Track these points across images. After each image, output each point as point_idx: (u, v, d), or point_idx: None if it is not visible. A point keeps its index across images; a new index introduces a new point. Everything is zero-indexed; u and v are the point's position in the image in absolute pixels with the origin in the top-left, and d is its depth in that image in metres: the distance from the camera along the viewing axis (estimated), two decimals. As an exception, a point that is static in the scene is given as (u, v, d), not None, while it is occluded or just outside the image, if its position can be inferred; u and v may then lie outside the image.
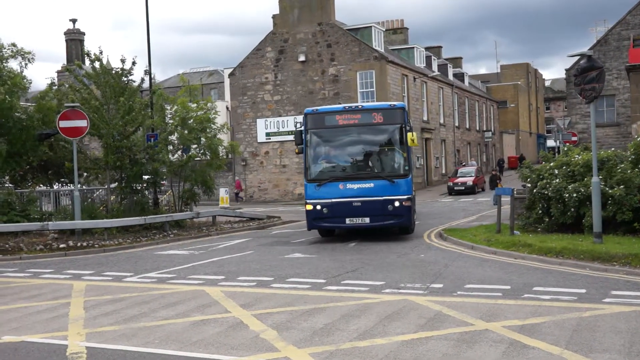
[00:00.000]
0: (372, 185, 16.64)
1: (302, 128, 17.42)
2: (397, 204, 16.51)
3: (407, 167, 16.86)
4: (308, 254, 15.19)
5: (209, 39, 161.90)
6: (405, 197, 16.61)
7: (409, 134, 16.80)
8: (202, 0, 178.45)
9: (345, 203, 16.60)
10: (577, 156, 16.38)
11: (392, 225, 17.04)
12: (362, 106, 18.27)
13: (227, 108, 43.84)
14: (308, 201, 17.06)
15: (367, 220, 16.68)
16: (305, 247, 16.79)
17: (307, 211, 17.16)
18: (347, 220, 16.73)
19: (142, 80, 22.41)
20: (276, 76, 40.26)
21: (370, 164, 17.38)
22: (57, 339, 8.05)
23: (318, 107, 19.03)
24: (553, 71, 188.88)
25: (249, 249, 16.79)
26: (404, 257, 14.27)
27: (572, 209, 15.21)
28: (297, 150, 17.88)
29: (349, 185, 16.71)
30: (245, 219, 25.23)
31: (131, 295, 10.77)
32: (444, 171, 47.53)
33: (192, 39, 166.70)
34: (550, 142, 62.63)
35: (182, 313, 9.23)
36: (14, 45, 20.09)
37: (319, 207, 16.84)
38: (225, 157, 27.89)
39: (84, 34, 59.38)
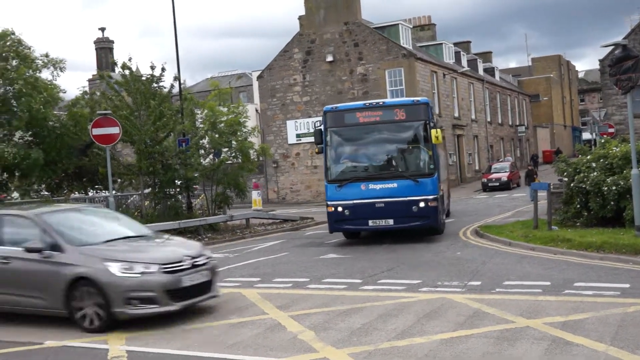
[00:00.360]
0: (395, 185, 15.95)
1: (322, 127, 16.80)
2: (422, 204, 15.79)
3: (432, 166, 16.10)
4: (342, 254, 15.14)
5: (236, 43, 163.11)
6: (431, 197, 15.89)
7: (433, 131, 15.91)
8: (227, 4, 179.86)
9: (368, 204, 15.97)
10: (615, 148, 16.01)
11: (417, 227, 16.33)
12: (383, 102, 17.63)
13: (257, 110, 44.08)
14: (329, 203, 16.54)
15: (390, 222, 16.01)
16: (340, 247, 16.74)
17: (329, 213, 16.63)
18: (370, 222, 16.13)
19: (172, 86, 22.57)
20: (304, 77, 40.32)
21: (393, 163, 16.71)
22: (98, 343, 8.15)
23: (338, 105, 18.02)
24: (585, 62, 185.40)
25: (283, 251, 16.81)
26: (439, 255, 14.13)
27: (612, 203, 14.87)
28: (316, 150, 17.28)
29: (371, 186, 16.06)
30: (278, 220, 25.29)
31: (169, 299, 10.83)
32: (477, 167, 47.03)
33: (219, 43, 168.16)
34: (586, 135, 61.61)
35: (220, 316, 9.27)
36: (46, 55, 20.46)
37: (340, 208, 16.27)
38: (256, 159, 28.00)
39: (113, 42, 59.99)
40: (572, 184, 16.09)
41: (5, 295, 9.40)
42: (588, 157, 16.37)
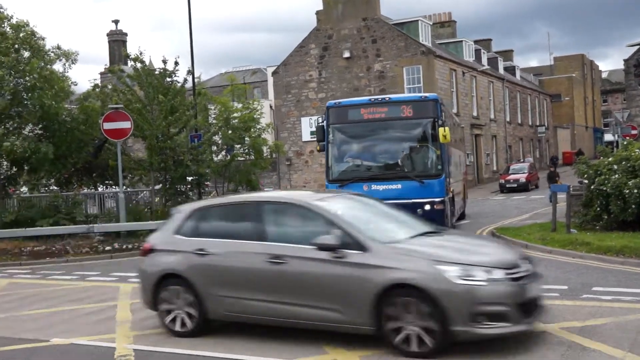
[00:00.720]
0: (399, 186, 15.10)
1: (324, 123, 16.08)
2: (427, 207, 14.86)
3: (440, 166, 15.31)
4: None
5: (249, 38, 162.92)
6: (437, 199, 15.07)
7: (441, 129, 15.01)
8: None
9: None
10: (637, 150, 15.64)
11: None
12: (389, 98, 16.48)
13: (271, 107, 44.00)
14: None
15: None
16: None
17: None
18: None
19: (185, 80, 22.30)
20: (320, 73, 40.10)
21: (398, 162, 15.84)
22: (105, 341, 8.03)
23: (341, 100, 17.38)
24: (609, 62, 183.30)
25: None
26: (454, 256, 13.88)
27: (633, 206, 14.51)
28: (318, 148, 16.43)
29: (374, 187, 15.10)
30: (292, 218, 24.99)
31: (177, 297, 10.71)
32: (495, 168, 46.56)
33: (232, 38, 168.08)
34: (608, 136, 60.77)
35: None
36: (58, 48, 20.34)
37: None
38: (269, 156, 27.81)
39: (126, 34, 59.11)
40: (592, 187, 15.75)
41: (277, 304, 7.41)
42: (609, 159, 16.02)
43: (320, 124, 16.34)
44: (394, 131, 15.80)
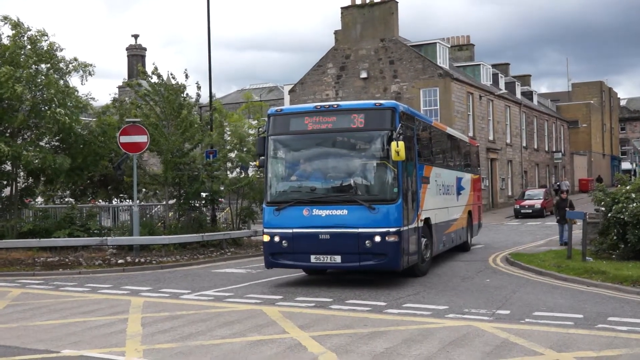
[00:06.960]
0: (345, 212, 12.65)
1: (265, 134, 13.82)
2: (377, 239, 12.37)
3: (396, 189, 12.65)
4: (367, 276, 14.85)
5: (260, 56, 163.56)
6: (391, 229, 12.43)
7: (393, 144, 12.25)
8: (253, 16, 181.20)
9: (310, 235, 12.80)
10: (656, 179, 15.50)
11: (372, 268, 12.90)
12: (338, 105, 13.70)
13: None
14: (265, 230, 13.42)
15: (337, 259, 12.76)
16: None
17: (264, 243, 13.56)
18: (312, 258, 12.90)
19: (198, 96, 22.32)
20: (337, 93, 40.23)
21: (344, 183, 13.20)
22: (114, 354, 8.02)
23: (284, 107, 14.89)
24: (622, 90, 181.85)
25: (308, 268, 16.53)
26: (468, 281, 13.76)
27: (651, 235, 14.36)
28: (257, 163, 14.49)
29: (316, 212, 12.83)
30: (304, 237, 24.90)
31: (188, 313, 10.69)
32: (510, 193, 46.25)
33: (243, 56, 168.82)
34: (626, 165, 60.24)
35: (239, 332, 9.07)
36: (75, 59, 20.45)
37: (277, 238, 13.09)
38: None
39: (145, 49, 58.85)
40: (609, 215, 15.60)
41: None
42: (627, 187, 15.90)
43: (261, 135, 14.11)
44: (342, 145, 13.54)
